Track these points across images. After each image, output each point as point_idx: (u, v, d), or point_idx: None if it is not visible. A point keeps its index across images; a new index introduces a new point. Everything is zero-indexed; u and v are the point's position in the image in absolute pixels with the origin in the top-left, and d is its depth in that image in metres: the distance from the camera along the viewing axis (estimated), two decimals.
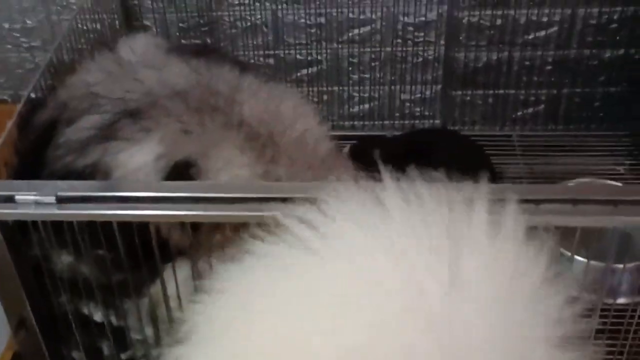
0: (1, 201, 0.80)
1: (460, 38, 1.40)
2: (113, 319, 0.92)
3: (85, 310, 0.93)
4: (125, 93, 0.94)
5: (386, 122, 1.52)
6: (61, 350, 0.97)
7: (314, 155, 0.98)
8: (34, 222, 0.84)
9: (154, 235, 0.83)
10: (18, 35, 1.47)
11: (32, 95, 1.00)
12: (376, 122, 1.52)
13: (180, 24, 1.44)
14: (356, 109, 1.51)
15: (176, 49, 1.04)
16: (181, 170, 0.90)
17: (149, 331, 0.93)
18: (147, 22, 1.44)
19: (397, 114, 1.51)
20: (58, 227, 0.85)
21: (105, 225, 0.82)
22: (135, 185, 0.81)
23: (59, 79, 1.03)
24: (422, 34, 1.41)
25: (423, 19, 1.39)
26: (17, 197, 0.79)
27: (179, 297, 0.90)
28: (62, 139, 0.93)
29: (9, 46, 1.49)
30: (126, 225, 0.82)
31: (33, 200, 0.79)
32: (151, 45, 1.02)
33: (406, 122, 1.52)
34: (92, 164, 0.91)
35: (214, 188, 0.82)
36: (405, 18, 1.39)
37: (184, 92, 0.94)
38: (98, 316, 0.93)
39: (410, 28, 1.40)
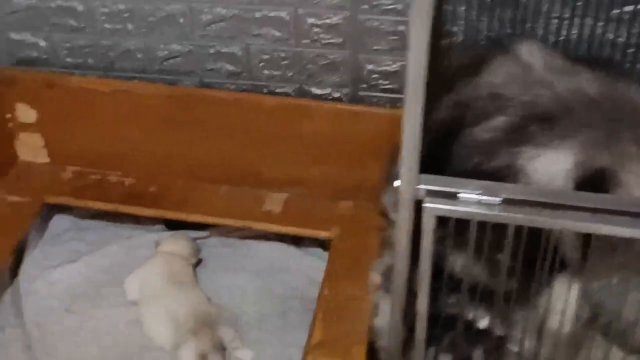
0: (441, 197, 0.80)
1: None
2: (497, 328, 0.91)
3: (470, 315, 0.92)
4: (533, 97, 0.93)
5: None
6: (428, 350, 0.96)
7: None
8: (442, 220, 0.83)
9: (574, 247, 0.81)
10: (320, 30, 1.50)
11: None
12: None
13: (487, 33, 1.41)
14: None
15: (578, 58, 1.02)
16: (597, 181, 0.88)
17: (530, 344, 0.91)
18: (453, 28, 1.43)
19: None
20: (461, 226, 0.84)
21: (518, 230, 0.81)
22: (581, 196, 0.79)
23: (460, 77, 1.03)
24: None
25: None
26: (460, 194, 0.79)
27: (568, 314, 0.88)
28: (467, 139, 0.93)
29: (307, 41, 1.52)
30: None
31: (476, 200, 0.78)
32: (547, 51, 1.01)
33: None
34: (504, 166, 0.90)
35: None
36: None
37: (596, 102, 0.92)
38: (482, 322, 0.92)
39: None
